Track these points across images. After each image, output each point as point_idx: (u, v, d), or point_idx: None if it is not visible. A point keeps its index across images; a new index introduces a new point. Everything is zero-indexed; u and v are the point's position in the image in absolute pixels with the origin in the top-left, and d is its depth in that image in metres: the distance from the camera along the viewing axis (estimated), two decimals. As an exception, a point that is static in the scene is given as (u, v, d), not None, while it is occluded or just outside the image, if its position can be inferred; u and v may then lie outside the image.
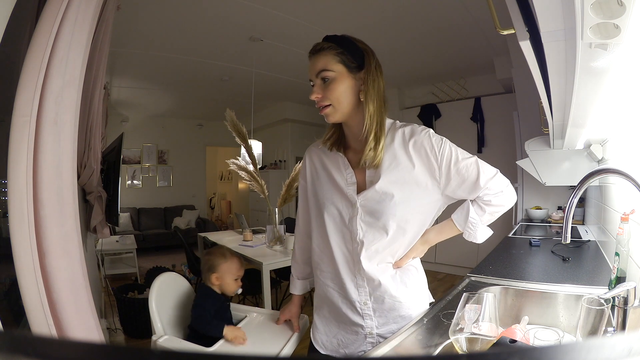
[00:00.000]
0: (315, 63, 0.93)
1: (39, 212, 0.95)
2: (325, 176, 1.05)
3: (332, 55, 0.91)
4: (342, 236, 0.99)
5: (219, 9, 2.87)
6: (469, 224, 0.98)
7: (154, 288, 1.44)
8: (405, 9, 2.82)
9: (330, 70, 0.91)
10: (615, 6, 0.48)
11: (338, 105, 0.93)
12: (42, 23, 0.94)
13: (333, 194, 1.02)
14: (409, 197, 0.92)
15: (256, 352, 1.03)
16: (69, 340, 0.16)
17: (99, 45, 1.55)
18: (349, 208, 0.97)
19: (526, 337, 0.81)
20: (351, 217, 0.97)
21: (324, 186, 1.05)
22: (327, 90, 0.92)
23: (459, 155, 0.93)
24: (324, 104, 0.93)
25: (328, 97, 0.92)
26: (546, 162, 2.31)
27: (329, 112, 0.94)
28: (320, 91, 0.93)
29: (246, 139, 3.07)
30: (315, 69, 0.93)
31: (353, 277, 0.97)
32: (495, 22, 0.73)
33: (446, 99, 4.63)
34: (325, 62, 0.91)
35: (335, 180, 1.02)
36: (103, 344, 0.48)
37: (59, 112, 0.98)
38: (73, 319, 1.01)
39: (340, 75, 0.92)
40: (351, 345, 0.99)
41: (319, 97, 0.93)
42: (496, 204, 0.95)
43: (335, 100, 0.92)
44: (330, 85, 0.91)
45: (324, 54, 0.92)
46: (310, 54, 0.95)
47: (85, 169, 1.76)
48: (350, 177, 1.00)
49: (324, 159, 1.06)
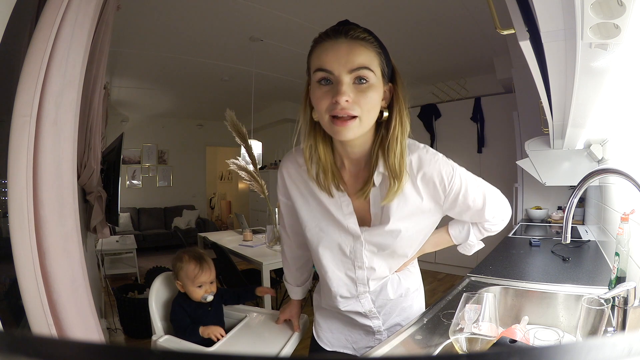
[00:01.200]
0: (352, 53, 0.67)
1: (39, 212, 0.95)
2: (314, 203, 0.89)
3: (375, 54, 0.70)
4: (342, 265, 0.90)
5: (219, 9, 2.87)
6: (467, 245, 0.98)
7: (154, 288, 1.44)
8: (405, 9, 2.82)
9: (372, 71, 0.69)
10: (615, 6, 0.48)
11: (366, 120, 0.71)
12: (42, 23, 0.93)
13: (328, 225, 0.87)
14: (415, 227, 0.85)
15: (256, 352, 1.02)
16: (69, 340, 0.16)
17: (99, 45, 1.55)
18: (350, 240, 0.87)
19: (526, 337, 0.81)
20: (354, 249, 0.87)
21: (314, 214, 0.89)
22: (362, 97, 0.68)
23: (468, 188, 0.83)
24: (352, 114, 0.68)
25: (361, 105, 0.68)
26: (546, 162, 2.31)
27: (352, 127, 0.69)
28: (351, 93, 0.68)
29: (246, 139, 3.07)
30: (352, 61, 0.67)
31: (355, 296, 0.93)
32: (495, 22, 0.73)
33: (446, 99, 4.63)
34: (368, 59, 0.69)
35: (328, 209, 0.86)
36: (103, 344, 0.48)
37: (59, 112, 0.98)
38: (73, 319, 1.01)
39: (378, 82, 0.71)
40: (360, 342, 0.99)
41: (349, 101, 0.68)
42: (496, 230, 0.95)
43: (366, 113, 0.70)
44: (369, 91, 0.69)
45: (365, 46, 0.69)
46: (336, 36, 0.68)
47: (85, 169, 1.76)
48: (347, 206, 0.84)
49: (309, 181, 0.87)
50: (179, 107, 6.24)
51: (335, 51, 0.68)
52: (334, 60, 0.67)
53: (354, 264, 0.89)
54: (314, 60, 0.71)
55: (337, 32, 0.69)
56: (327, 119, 0.70)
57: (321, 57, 0.69)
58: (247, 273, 2.87)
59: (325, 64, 0.68)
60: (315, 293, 1.09)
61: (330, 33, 0.69)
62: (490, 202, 0.87)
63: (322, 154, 0.80)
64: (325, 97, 0.69)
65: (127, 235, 4.80)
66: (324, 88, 0.69)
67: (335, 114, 0.68)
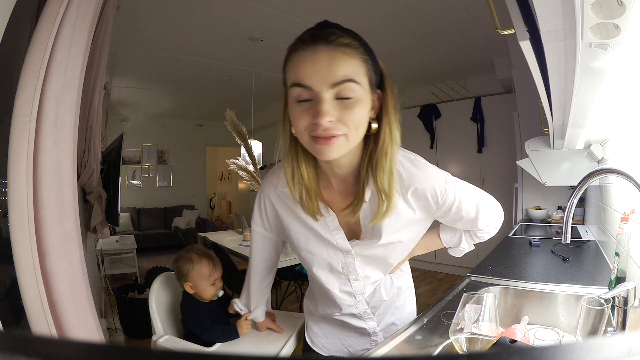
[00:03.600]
0: (334, 64, 0.58)
1: (39, 212, 0.95)
2: (298, 226, 0.84)
3: (361, 62, 0.61)
4: (337, 282, 0.88)
5: (219, 9, 2.87)
6: (459, 249, 0.97)
7: (154, 288, 1.43)
8: (405, 9, 2.82)
9: (358, 83, 0.60)
10: (615, 6, 0.48)
11: (354, 137, 0.63)
12: (42, 23, 0.93)
13: (316, 246, 0.84)
14: (407, 236, 0.83)
15: (256, 352, 1.03)
16: (69, 340, 0.16)
17: (99, 45, 1.55)
18: (340, 256, 0.83)
19: (526, 337, 0.81)
20: (345, 264, 0.84)
21: (301, 238, 0.85)
22: (347, 114, 0.60)
23: (462, 201, 0.78)
24: (336, 133, 0.60)
25: (346, 123, 0.60)
26: (546, 162, 2.31)
27: (337, 146, 0.61)
28: (335, 112, 0.59)
29: (246, 139, 3.07)
30: (334, 74, 0.58)
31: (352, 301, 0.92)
32: (495, 22, 0.73)
33: (446, 99, 4.63)
34: (353, 69, 0.59)
35: (314, 229, 0.81)
36: (103, 344, 0.48)
37: (59, 112, 0.98)
38: (73, 319, 1.01)
39: (365, 94, 0.62)
40: (356, 345, 0.99)
41: (333, 120, 0.59)
42: (487, 237, 0.94)
43: (354, 130, 0.62)
44: (355, 107, 0.60)
45: (349, 54, 0.59)
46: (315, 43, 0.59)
47: (85, 169, 1.76)
48: (332, 221, 0.80)
49: (290, 204, 0.82)
50: (179, 107, 6.24)
51: (313, 62, 0.58)
52: (312, 74, 0.58)
53: (349, 279, 0.86)
54: (290, 72, 0.61)
55: (316, 38, 0.59)
56: (307, 138, 0.62)
57: (298, 69, 0.59)
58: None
59: (303, 78, 0.59)
60: (306, 299, 1.07)
61: (307, 39, 0.60)
62: (483, 212, 0.84)
63: (305, 173, 0.72)
64: (304, 115, 0.60)
65: (127, 235, 4.79)
66: (303, 105, 0.60)
67: (316, 135, 0.60)
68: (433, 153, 4.40)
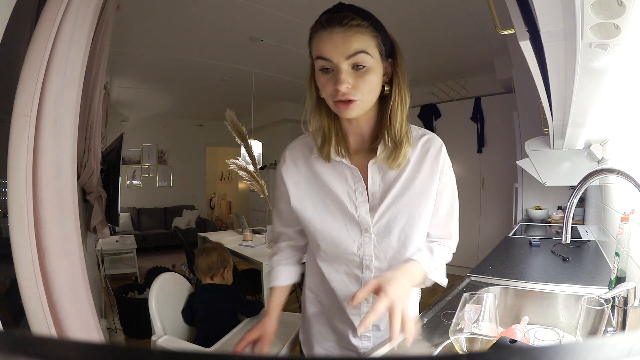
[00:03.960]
0: (348, 41, 0.70)
1: (39, 212, 0.95)
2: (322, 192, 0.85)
3: (371, 37, 0.73)
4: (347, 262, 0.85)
5: (219, 9, 2.87)
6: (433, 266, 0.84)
7: (154, 288, 1.44)
8: (405, 9, 2.82)
9: (370, 56, 0.72)
10: (615, 6, 0.48)
11: (367, 101, 0.76)
12: (42, 23, 0.93)
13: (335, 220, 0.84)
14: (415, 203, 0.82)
15: (256, 353, 1.02)
16: (69, 340, 0.16)
17: (99, 45, 1.55)
18: (357, 233, 0.83)
19: (526, 337, 0.81)
20: (361, 244, 0.83)
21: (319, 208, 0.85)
22: (361, 81, 0.73)
23: (453, 189, 0.87)
24: (352, 98, 0.73)
25: (360, 89, 0.73)
26: (546, 162, 2.31)
27: (354, 108, 0.74)
28: (351, 80, 0.72)
29: (246, 139, 3.07)
30: (348, 48, 0.70)
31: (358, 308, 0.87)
32: (495, 22, 0.73)
33: (446, 99, 4.63)
34: (364, 43, 0.72)
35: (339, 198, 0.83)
36: (103, 344, 0.48)
37: (59, 112, 0.98)
38: (73, 319, 1.01)
39: (376, 63, 0.74)
40: None
41: (349, 87, 0.72)
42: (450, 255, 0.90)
43: (367, 95, 0.74)
44: (367, 75, 0.73)
45: (361, 32, 0.72)
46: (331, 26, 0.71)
47: (85, 169, 1.76)
48: (361, 194, 0.82)
49: (317, 167, 0.86)
50: (179, 107, 6.24)
51: (331, 40, 0.71)
52: (331, 50, 0.71)
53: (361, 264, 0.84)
54: (314, 47, 0.75)
55: (331, 22, 0.71)
56: (332, 102, 0.76)
57: (319, 46, 0.73)
58: (247, 273, 2.87)
59: (324, 53, 0.72)
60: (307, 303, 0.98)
61: (324, 23, 0.72)
62: (456, 217, 0.88)
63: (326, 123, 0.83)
64: (328, 84, 0.74)
65: (127, 235, 4.80)
66: (326, 75, 0.74)
67: (337, 99, 0.73)
68: None
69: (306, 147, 0.89)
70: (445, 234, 0.89)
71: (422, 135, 0.86)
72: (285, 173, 0.90)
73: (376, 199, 0.83)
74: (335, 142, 0.83)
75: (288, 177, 0.89)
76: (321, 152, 0.83)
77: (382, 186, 0.83)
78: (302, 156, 0.89)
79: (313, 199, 0.87)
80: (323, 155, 0.83)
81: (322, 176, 0.85)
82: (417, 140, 0.85)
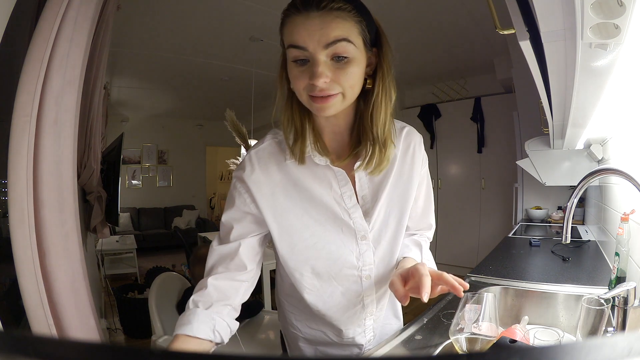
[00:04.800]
0: (326, 27, 0.59)
1: (39, 212, 0.95)
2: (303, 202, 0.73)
3: (354, 23, 0.62)
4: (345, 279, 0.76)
5: (219, 9, 2.87)
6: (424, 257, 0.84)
7: (154, 288, 1.44)
8: (405, 9, 2.82)
9: (352, 44, 0.62)
10: (615, 6, 0.48)
11: (349, 96, 0.65)
12: (42, 23, 0.94)
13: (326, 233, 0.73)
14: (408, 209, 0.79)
15: (256, 353, 1.02)
16: (69, 340, 0.16)
17: (99, 45, 1.55)
18: (353, 242, 0.74)
19: (526, 337, 0.81)
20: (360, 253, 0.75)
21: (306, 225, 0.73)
22: (342, 74, 0.62)
23: (429, 181, 0.84)
24: (332, 93, 0.62)
25: (341, 82, 0.62)
26: (546, 162, 2.31)
27: (333, 104, 0.64)
28: (329, 73, 0.62)
29: (246, 139, 3.07)
30: (327, 35, 0.60)
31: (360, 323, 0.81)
32: (495, 22, 0.73)
33: (446, 99, 4.63)
34: (346, 30, 0.61)
35: (327, 205, 0.73)
36: (103, 344, 0.48)
37: (59, 112, 0.99)
38: (73, 319, 1.01)
39: (360, 53, 0.64)
40: None
41: (327, 80, 0.61)
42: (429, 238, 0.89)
43: (349, 89, 0.64)
44: (349, 67, 0.62)
45: (342, 17, 0.60)
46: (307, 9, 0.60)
47: (85, 169, 1.76)
48: (350, 198, 0.73)
49: (294, 173, 0.72)
50: (179, 107, 6.24)
51: (306, 26, 0.60)
52: (306, 37, 0.60)
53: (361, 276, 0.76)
54: (286, 35, 0.64)
55: (307, 5, 0.60)
56: (306, 97, 0.64)
57: (293, 32, 0.61)
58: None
59: (298, 40, 0.61)
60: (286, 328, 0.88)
61: (299, 5, 0.61)
62: (432, 206, 0.87)
63: (299, 121, 0.71)
64: (302, 76, 0.63)
65: (127, 235, 4.79)
66: (300, 67, 0.63)
67: (314, 95, 0.63)
68: (433, 153, 4.40)
69: (278, 150, 0.74)
70: (425, 224, 0.88)
71: (401, 128, 0.79)
72: (251, 182, 0.72)
73: (367, 202, 0.75)
74: (311, 141, 0.71)
75: (257, 188, 0.72)
76: (293, 153, 0.70)
77: (372, 187, 0.75)
78: (274, 161, 0.73)
79: (295, 211, 0.73)
80: (295, 156, 0.70)
81: (302, 183, 0.72)
82: (398, 133, 0.77)
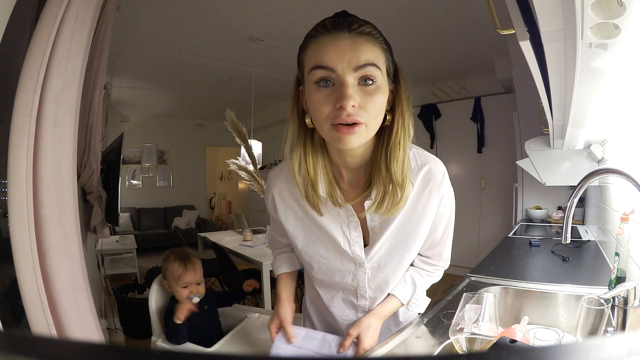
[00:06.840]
0: (357, 49, 0.57)
1: (39, 212, 0.95)
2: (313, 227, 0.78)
3: (381, 50, 0.61)
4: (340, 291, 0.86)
5: (219, 9, 2.87)
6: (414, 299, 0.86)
7: (154, 288, 1.44)
8: (405, 9, 2.82)
9: (379, 69, 0.59)
10: (615, 6, 0.48)
11: (373, 126, 0.62)
12: (42, 23, 0.94)
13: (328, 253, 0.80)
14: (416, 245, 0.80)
15: (256, 353, 1.02)
16: (69, 340, 0.16)
17: (99, 45, 1.55)
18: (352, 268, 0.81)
19: (526, 337, 0.81)
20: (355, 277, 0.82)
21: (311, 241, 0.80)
22: (368, 100, 0.59)
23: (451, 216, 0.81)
24: (359, 120, 0.58)
25: (367, 109, 0.59)
26: (546, 162, 2.31)
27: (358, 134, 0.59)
28: (357, 98, 0.58)
29: (246, 139, 3.07)
30: (357, 58, 0.57)
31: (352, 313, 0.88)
32: (495, 22, 0.73)
33: (446, 99, 4.63)
34: (375, 55, 0.59)
35: (331, 236, 0.76)
36: (103, 344, 0.48)
37: (59, 112, 0.99)
38: (73, 319, 1.01)
39: (384, 82, 0.62)
40: None
41: (356, 105, 0.58)
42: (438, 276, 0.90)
43: (373, 118, 0.61)
44: (376, 94, 0.59)
45: (371, 42, 0.59)
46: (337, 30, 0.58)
47: (85, 169, 1.76)
48: (355, 229, 0.76)
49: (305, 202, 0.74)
50: (179, 107, 6.24)
51: (335, 46, 0.57)
52: (335, 57, 0.57)
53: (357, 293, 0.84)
54: (310, 57, 0.60)
55: (338, 26, 0.58)
56: (328, 127, 0.60)
57: (319, 53, 0.58)
58: (247, 273, 2.87)
59: (326, 60, 0.57)
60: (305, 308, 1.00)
61: (329, 26, 0.59)
62: (450, 240, 0.85)
63: (312, 166, 0.69)
64: (327, 101, 0.59)
65: (127, 235, 4.79)
66: (323, 91, 0.59)
67: (339, 122, 0.58)
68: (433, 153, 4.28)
69: (291, 179, 0.75)
70: (437, 254, 0.88)
71: (422, 165, 0.74)
72: (271, 205, 0.83)
73: (375, 234, 0.77)
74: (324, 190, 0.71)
75: (275, 209, 0.82)
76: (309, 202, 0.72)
77: (380, 222, 0.76)
78: (287, 188, 0.79)
79: (305, 231, 0.80)
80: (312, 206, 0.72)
81: (312, 212, 0.76)
82: (416, 171, 0.73)
